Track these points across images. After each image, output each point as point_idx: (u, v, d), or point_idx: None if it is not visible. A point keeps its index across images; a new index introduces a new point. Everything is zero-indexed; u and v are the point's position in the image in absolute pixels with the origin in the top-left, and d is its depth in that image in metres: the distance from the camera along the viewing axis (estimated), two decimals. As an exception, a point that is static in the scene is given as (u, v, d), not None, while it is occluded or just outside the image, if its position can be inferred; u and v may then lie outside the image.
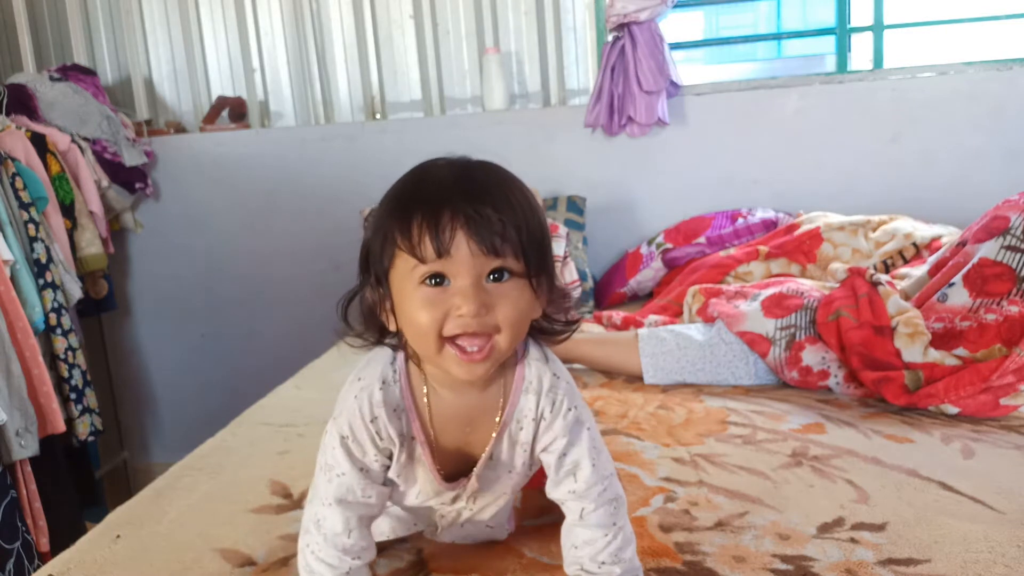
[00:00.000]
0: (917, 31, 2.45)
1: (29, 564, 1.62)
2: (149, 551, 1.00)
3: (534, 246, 0.69)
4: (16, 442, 1.67)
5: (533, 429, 0.77)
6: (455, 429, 0.78)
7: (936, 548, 0.91)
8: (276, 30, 2.63)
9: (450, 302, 0.67)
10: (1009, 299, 1.39)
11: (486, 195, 0.68)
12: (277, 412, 1.52)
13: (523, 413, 0.77)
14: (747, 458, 1.19)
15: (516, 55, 2.53)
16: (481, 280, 0.67)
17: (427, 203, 0.67)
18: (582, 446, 0.77)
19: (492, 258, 0.67)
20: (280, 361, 2.04)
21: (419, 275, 0.68)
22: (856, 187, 2.30)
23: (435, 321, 0.67)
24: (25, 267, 1.88)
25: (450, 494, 0.82)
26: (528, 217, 0.69)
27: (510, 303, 0.68)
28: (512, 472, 0.81)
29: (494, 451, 0.79)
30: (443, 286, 0.67)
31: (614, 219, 2.44)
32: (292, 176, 2.58)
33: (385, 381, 0.75)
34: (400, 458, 0.77)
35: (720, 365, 1.55)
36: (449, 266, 0.67)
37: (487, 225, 0.66)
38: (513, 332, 0.69)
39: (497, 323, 0.68)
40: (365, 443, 0.75)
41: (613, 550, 0.78)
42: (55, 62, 2.64)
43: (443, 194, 0.67)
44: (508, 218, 0.67)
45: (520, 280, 0.69)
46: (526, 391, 0.77)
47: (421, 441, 0.77)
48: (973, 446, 1.21)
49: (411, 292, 0.68)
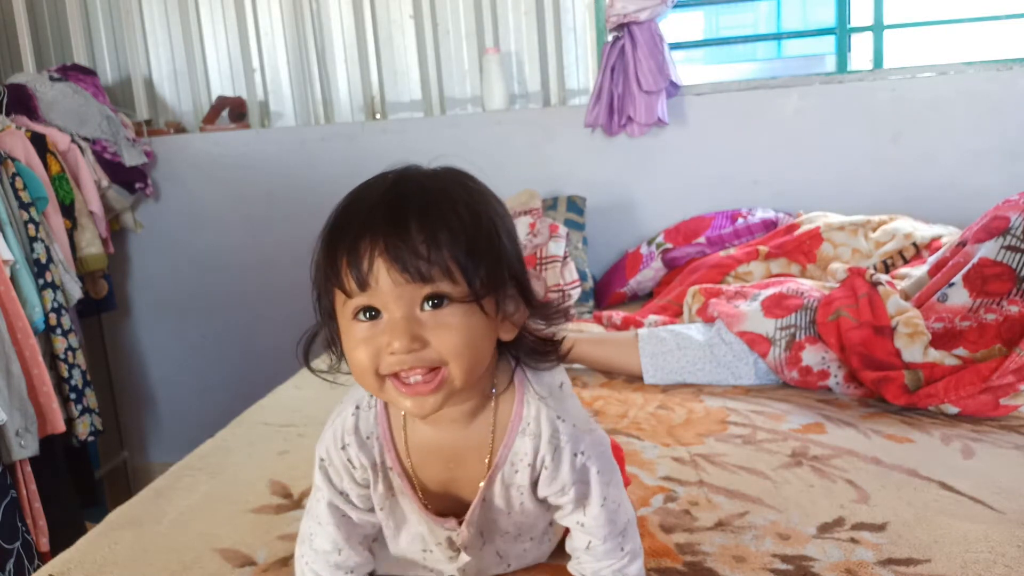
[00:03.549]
0: (917, 31, 2.45)
1: (29, 564, 1.62)
2: (149, 551, 1.00)
3: (479, 261, 0.61)
4: (16, 442, 1.67)
5: (529, 474, 0.71)
6: (436, 464, 0.72)
7: (936, 548, 0.91)
8: (276, 30, 2.63)
9: (382, 339, 0.61)
10: (1009, 299, 1.39)
11: (412, 215, 0.60)
12: (277, 412, 1.52)
13: (518, 456, 0.70)
14: (747, 458, 1.19)
15: (516, 55, 2.53)
16: (413, 311, 0.61)
17: (350, 230, 0.61)
18: (593, 489, 0.71)
19: (420, 285, 0.60)
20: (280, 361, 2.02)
21: (350, 310, 0.62)
22: (856, 187, 2.30)
23: (370, 359, 0.62)
24: (25, 267, 1.88)
25: (447, 534, 0.75)
26: (471, 228, 0.61)
27: (451, 332, 0.61)
28: (511, 515, 0.75)
29: (486, 495, 0.73)
30: (377, 319, 0.62)
31: (614, 219, 2.44)
32: (292, 176, 2.58)
33: (359, 407, 0.72)
34: (377, 488, 0.72)
35: (720, 365, 1.55)
36: (376, 298, 0.61)
37: (410, 249, 0.59)
38: (465, 362, 0.62)
39: (440, 355, 0.61)
40: (340, 470, 0.73)
41: (618, 568, 0.74)
42: (55, 62, 2.64)
43: (365, 219, 0.61)
44: (439, 235, 0.60)
45: (464, 305, 0.61)
46: (522, 433, 0.70)
47: (398, 472, 0.72)
48: (973, 446, 1.21)
49: (348, 329, 0.63)
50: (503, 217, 0.66)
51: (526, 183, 2.33)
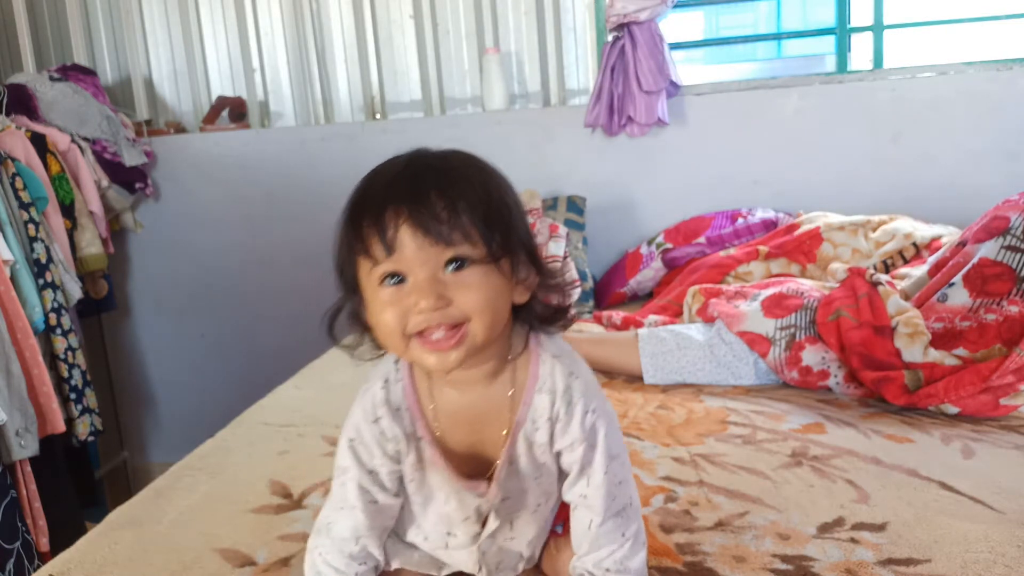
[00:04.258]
0: (917, 31, 2.45)
1: (29, 564, 1.62)
2: (149, 551, 1.00)
3: (494, 228, 0.66)
4: (16, 442, 1.67)
5: (548, 429, 0.74)
6: (462, 427, 0.75)
7: (936, 548, 0.91)
8: (276, 30, 2.63)
9: (408, 300, 0.65)
10: (1009, 299, 1.39)
11: (432, 184, 0.66)
12: (277, 412, 1.52)
13: (538, 412, 0.74)
14: (747, 458, 1.19)
15: (516, 55, 2.53)
16: (437, 272, 0.65)
17: (373, 202, 0.66)
18: (598, 451, 0.74)
19: (443, 248, 0.65)
20: (280, 361, 2.04)
21: (377, 276, 0.67)
22: (856, 187, 2.30)
23: (397, 320, 0.66)
24: (25, 267, 1.88)
25: (475, 504, 0.77)
26: (484, 199, 0.67)
27: (472, 290, 0.66)
28: (539, 479, 0.77)
29: (511, 455, 0.75)
30: (403, 284, 0.66)
31: (614, 219, 2.44)
32: (292, 176, 2.58)
33: (387, 380, 0.75)
34: (409, 458, 0.75)
35: (720, 365, 1.55)
36: (401, 263, 0.65)
37: (432, 215, 0.64)
38: (486, 319, 0.66)
39: (464, 312, 0.66)
40: (371, 445, 0.74)
41: (619, 558, 0.75)
42: (55, 62, 2.64)
43: (388, 191, 0.66)
44: (457, 204, 0.65)
45: (483, 266, 0.66)
46: (539, 390, 0.74)
47: (428, 440, 0.75)
48: (973, 446, 1.21)
49: (374, 295, 0.68)
50: (510, 191, 0.71)
51: (526, 183, 2.33)
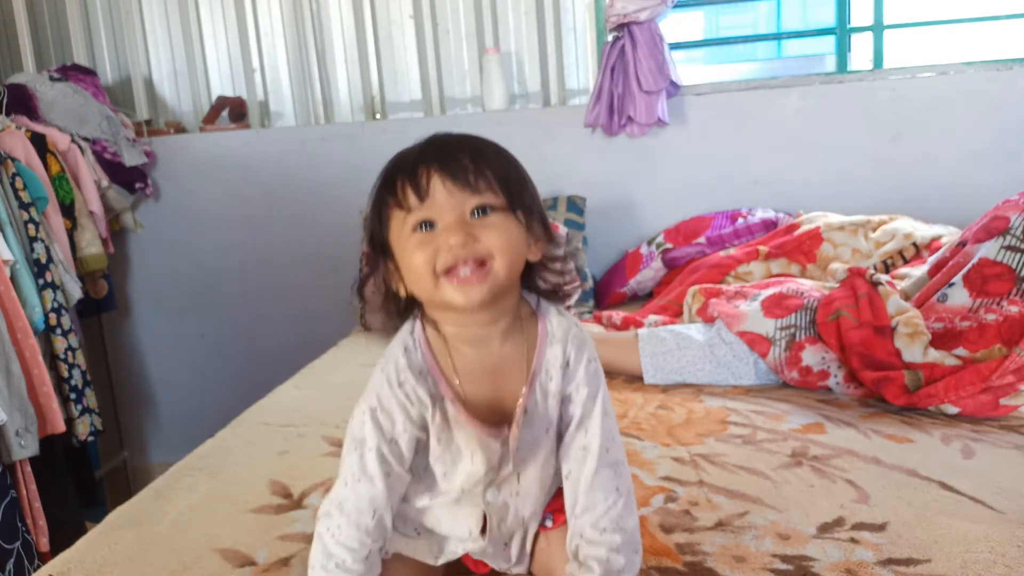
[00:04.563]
0: (917, 31, 2.45)
1: (29, 564, 1.62)
2: (149, 551, 1.00)
3: (512, 183, 0.75)
4: (16, 442, 1.67)
5: (560, 378, 0.80)
6: (483, 382, 0.79)
7: (936, 548, 0.91)
8: (276, 30, 2.63)
9: (439, 240, 0.72)
10: (1009, 299, 1.39)
11: (458, 146, 0.75)
12: (277, 412, 1.52)
13: (551, 363, 0.80)
14: (747, 458, 1.19)
15: (516, 55, 2.53)
16: (464, 216, 0.73)
17: (405, 163, 0.75)
18: (598, 400, 0.81)
19: (470, 194, 0.73)
20: (280, 361, 2.04)
21: (410, 225, 0.73)
22: (856, 187, 2.30)
23: (428, 259, 0.72)
24: (25, 267, 1.88)
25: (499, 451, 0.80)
26: (502, 161, 0.76)
27: (496, 231, 0.73)
28: (548, 432, 0.81)
29: (528, 404, 0.80)
30: (433, 230, 0.73)
31: (614, 219, 2.44)
32: (292, 176, 2.58)
33: (407, 348, 0.79)
34: (435, 419, 0.78)
35: (720, 365, 1.55)
36: (432, 209, 0.72)
37: (460, 166, 0.73)
38: (507, 258, 0.73)
39: (488, 250, 0.72)
40: (394, 411, 0.77)
41: (614, 516, 0.78)
42: (55, 62, 2.64)
43: (419, 155, 0.75)
44: (480, 162, 0.74)
45: (504, 213, 0.74)
46: (551, 343, 0.80)
47: (451, 398, 0.78)
48: (973, 446, 1.21)
49: (406, 242, 0.74)
50: (524, 169, 0.80)
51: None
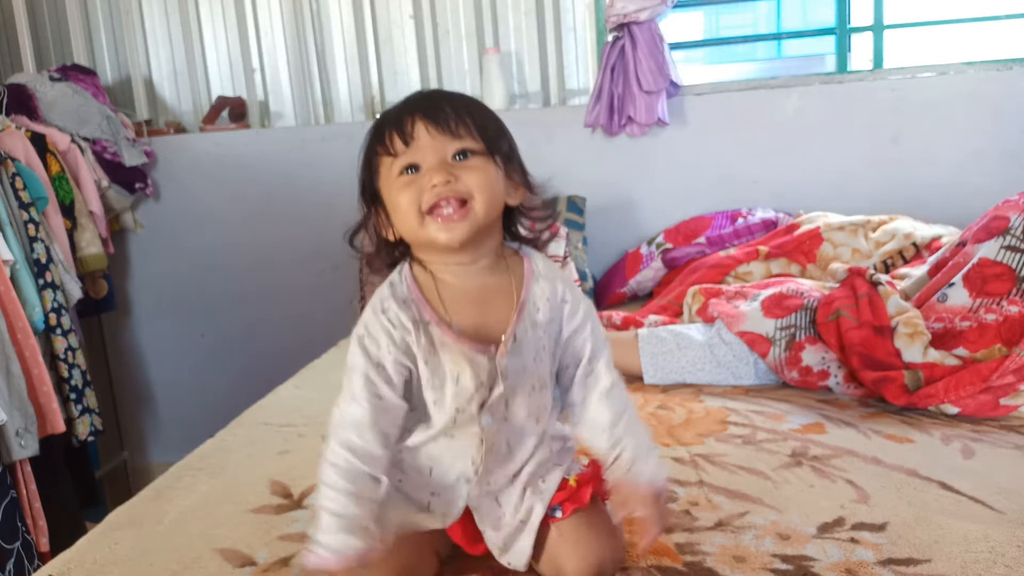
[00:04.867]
0: (917, 31, 2.45)
1: (29, 564, 1.62)
2: (149, 551, 1.00)
3: (490, 130, 0.81)
4: (16, 442, 1.67)
5: (548, 311, 0.85)
6: (468, 309, 0.83)
7: (936, 548, 0.91)
8: (276, 30, 2.63)
9: (423, 180, 0.78)
10: (1009, 299, 1.39)
11: (440, 98, 0.82)
12: (277, 412, 1.52)
13: (538, 296, 0.85)
14: (747, 458, 1.19)
15: (516, 55, 2.53)
16: (446, 158, 0.79)
17: (392, 115, 0.82)
18: (599, 332, 0.89)
19: (451, 139, 0.79)
20: (280, 361, 2.03)
21: (396, 169, 0.80)
22: (856, 187, 2.30)
23: (414, 199, 0.78)
24: (25, 267, 1.88)
25: (487, 366, 0.82)
26: (481, 111, 0.82)
27: (475, 172, 0.79)
28: (536, 360, 0.85)
29: (517, 331, 0.84)
30: (417, 173, 0.79)
31: (614, 219, 2.44)
32: (292, 176, 2.58)
33: (392, 283, 0.84)
34: (420, 343, 0.81)
35: (720, 365, 1.55)
36: (417, 153, 0.79)
37: (442, 114, 0.79)
38: (486, 198, 0.79)
39: (468, 189, 0.78)
40: (379, 335, 0.81)
41: (629, 421, 0.86)
42: (55, 62, 2.64)
43: (404, 106, 0.82)
44: (461, 111, 0.80)
45: (484, 157, 0.80)
46: (536, 279, 0.86)
47: (435, 322, 0.82)
48: (973, 446, 1.21)
49: (392, 186, 0.80)
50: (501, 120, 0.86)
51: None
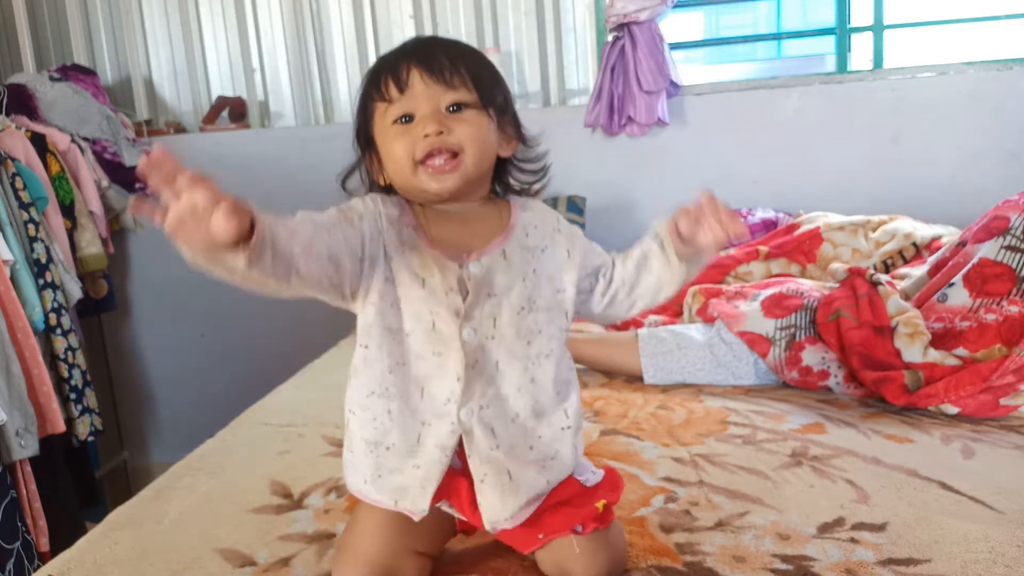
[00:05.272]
0: (917, 31, 2.45)
1: (29, 564, 1.62)
2: (149, 551, 1.00)
3: (485, 81, 0.81)
4: (16, 442, 1.67)
5: (540, 238, 0.85)
6: (450, 228, 0.83)
7: (936, 548, 0.91)
8: (276, 30, 2.63)
9: (416, 130, 0.78)
10: (1009, 299, 1.39)
11: (437, 46, 0.81)
12: (277, 412, 1.52)
13: (528, 222, 0.86)
14: (747, 458, 1.19)
15: (516, 55, 2.53)
16: (440, 109, 0.79)
17: (388, 60, 0.81)
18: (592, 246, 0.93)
19: (446, 89, 0.79)
20: (280, 361, 2.03)
21: (391, 118, 0.80)
22: (856, 187, 2.30)
23: (407, 149, 0.78)
24: (25, 267, 1.88)
25: (456, 273, 0.80)
26: (477, 61, 0.82)
27: (468, 125, 0.79)
28: (525, 282, 0.82)
29: (506, 248, 0.83)
30: (411, 123, 0.79)
31: (614, 219, 2.44)
32: (292, 176, 2.58)
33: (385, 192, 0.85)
34: (391, 237, 0.80)
35: (720, 365, 1.55)
36: (411, 102, 0.79)
37: (438, 63, 0.79)
38: (476, 151, 0.79)
39: (460, 142, 0.78)
40: (358, 206, 0.81)
41: None
42: (55, 62, 2.64)
43: (401, 53, 0.81)
44: (457, 61, 0.79)
45: (477, 109, 0.80)
46: (525, 208, 0.87)
47: (413, 226, 0.82)
48: (973, 446, 1.21)
49: (386, 133, 0.80)
50: (497, 70, 0.85)
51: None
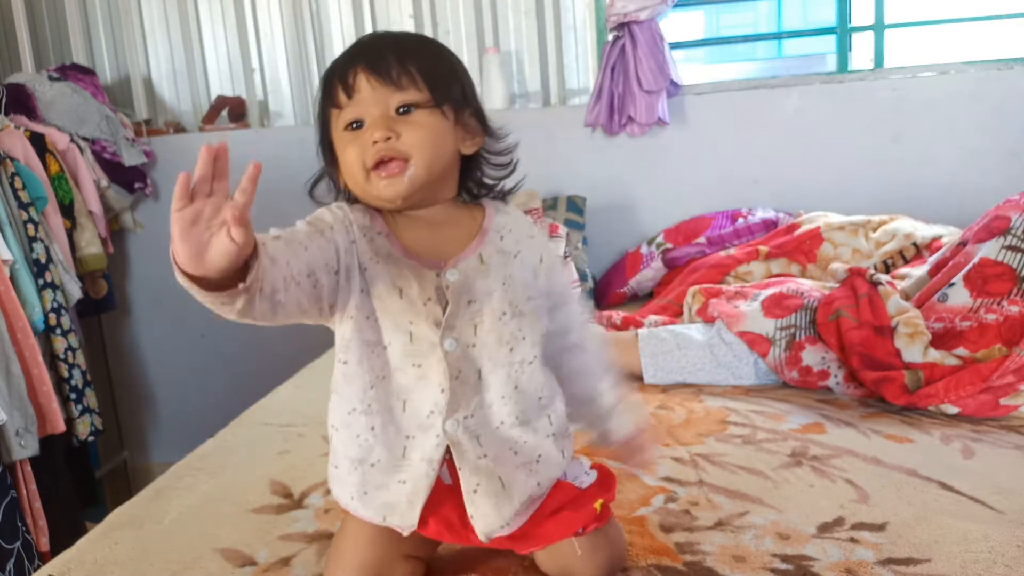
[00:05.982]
0: (918, 31, 2.45)
1: (29, 564, 1.62)
2: (149, 551, 1.00)
3: (438, 77, 0.78)
4: (16, 442, 1.67)
5: (515, 243, 0.84)
6: (422, 231, 0.81)
7: (936, 548, 0.91)
8: (276, 30, 2.63)
9: (366, 137, 0.76)
10: (1009, 299, 1.39)
11: (385, 44, 0.79)
12: (277, 412, 1.52)
13: (502, 226, 0.84)
14: (747, 458, 1.19)
15: (516, 55, 2.53)
16: (388, 112, 0.76)
17: (339, 64, 0.80)
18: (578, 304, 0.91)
19: (393, 91, 0.76)
20: (280, 361, 2.03)
21: (342, 124, 0.78)
22: (856, 187, 2.30)
23: (358, 155, 0.77)
24: (24, 267, 1.88)
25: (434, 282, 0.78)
26: (429, 55, 0.79)
27: (417, 128, 0.76)
28: (506, 287, 0.80)
29: (482, 252, 0.81)
30: (361, 129, 0.77)
31: (614, 219, 2.44)
32: (292, 176, 2.56)
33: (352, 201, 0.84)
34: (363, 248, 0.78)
35: (720, 365, 1.55)
36: (360, 106, 0.77)
37: (384, 63, 0.76)
38: (426, 156, 0.76)
39: (407, 149, 0.76)
40: (329, 215, 0.80)
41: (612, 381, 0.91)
42: (54, 62, 2.64)
43: (350, 55, 0.79)
44: (406, 59, 0.77)
45: (428, 110, 0.77)
46: (498, 212, 0.86)
47: (385, 234, 0.80)
48: (973, 446, 1.21)
49: (339, 141, 0.79)
50: (459, 63, 0.84)
51: (526, 183, 2.32)
